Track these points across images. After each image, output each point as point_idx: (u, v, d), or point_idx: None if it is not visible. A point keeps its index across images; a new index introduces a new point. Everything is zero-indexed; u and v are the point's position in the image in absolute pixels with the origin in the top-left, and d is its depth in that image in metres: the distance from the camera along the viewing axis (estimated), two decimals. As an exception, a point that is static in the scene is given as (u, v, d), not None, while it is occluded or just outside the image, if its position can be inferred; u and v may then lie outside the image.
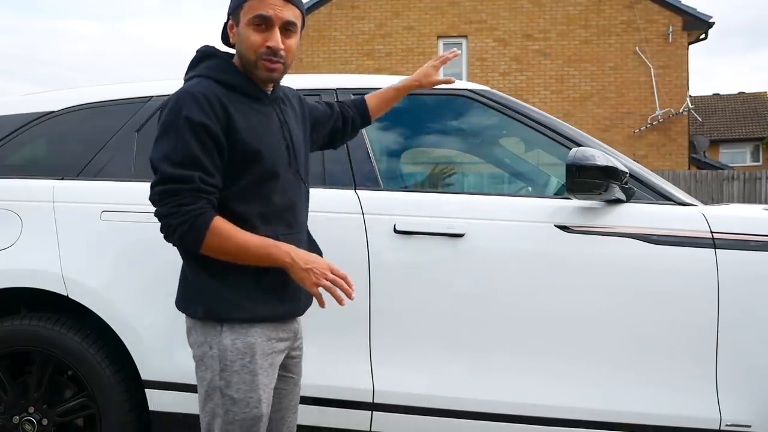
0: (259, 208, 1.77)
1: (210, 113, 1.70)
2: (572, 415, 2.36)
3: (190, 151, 1.68)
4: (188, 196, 1.67)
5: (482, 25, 15.40)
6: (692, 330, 2.33)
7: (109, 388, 2.53)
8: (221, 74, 1.79)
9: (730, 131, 29.54)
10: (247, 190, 1.76)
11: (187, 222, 1.66)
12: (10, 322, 2.60)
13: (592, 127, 14.63)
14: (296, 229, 1.87)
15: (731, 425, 2.29)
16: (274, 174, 1.79)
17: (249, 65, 1.79)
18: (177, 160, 1.68)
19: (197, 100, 1.70)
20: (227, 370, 1.75)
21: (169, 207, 1.67)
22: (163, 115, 1.74)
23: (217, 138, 1.71)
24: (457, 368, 2.43)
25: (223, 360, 1.75)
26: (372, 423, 2.45)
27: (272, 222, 1.79)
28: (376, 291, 2.42)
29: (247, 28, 1.76)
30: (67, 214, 2.62)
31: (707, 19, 15.12)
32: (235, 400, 1.75)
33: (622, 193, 2.36)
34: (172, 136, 1.69)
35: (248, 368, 1.75)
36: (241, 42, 1.79)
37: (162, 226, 1.71)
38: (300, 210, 1.90)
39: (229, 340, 1.75)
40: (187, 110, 1.69)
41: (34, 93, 3.23)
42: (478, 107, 2.70)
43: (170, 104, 1.73)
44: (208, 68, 1.81)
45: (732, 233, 2.34)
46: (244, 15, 1.76)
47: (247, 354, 1.75)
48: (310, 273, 1.74)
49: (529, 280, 2.39)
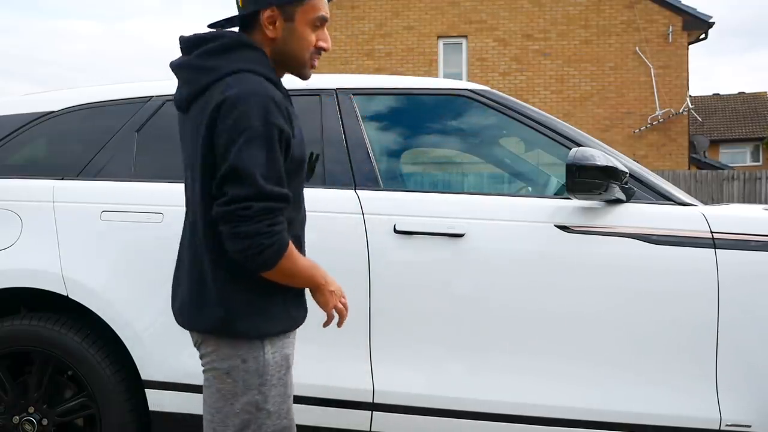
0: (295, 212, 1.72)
1: (287, 120, 1.60)
2: (572, 415, 2.36)
3: (279, 165, 1.57)
4: (279, 215, 1.57)
5: (482, 25, 15.40)
6: (692, 330, 2.33)
7: (109, 388, 2.53)
8: (269, 72, 1.65)
9: (730, 131, 29.55)
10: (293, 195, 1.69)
11: (276, 243, 1.55)
12: (10, 322, 2.60)
13: (592, 127, 14.63)
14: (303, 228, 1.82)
15: (731, 425, 2.29)
16: (302, 181, 1.74)
17: (297, 63, 1.70)
18: (274, 176, 1.56)
19: (279, 105, 1.57)
20: (266, 385, 1.66)
21: (264, 225, 1.53)
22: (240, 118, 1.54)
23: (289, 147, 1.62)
24: (457, 368, 2.43)
25: (263, 375, 1.66)
26: (372, 423, 2.45)
27: (297, 229, 1.74)
28: (376, 291, 2.42)
29: (306, 27, 1.67)
30: (67, 214, 2.62)
31: (707, 19, 15.12)
32: (271, 413, 1.68)
33: (622, 193, 2.36)
34: (264, 147, 1.54)
35: (283, 380, 1.71)
36: (293, 39, 1.67)
37: (249, 245, 1.54)
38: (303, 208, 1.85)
39: (270, 355, 1.67)
40: (274, 117, 1.55)
41: (34, 93, 3.24)
42: (478, 107, 2.70)
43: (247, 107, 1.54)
44: (253, 62, 1.63)
45: (732, 233, 2.34)
46: (305, 13, 1.66)
47: (283, 366, 1.71)
48: (334, 296, 1.73)
49: (529, 280, 2.39)
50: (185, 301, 1.72)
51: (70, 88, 2.96)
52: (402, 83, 2.81)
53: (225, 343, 1.67)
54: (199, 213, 1.64)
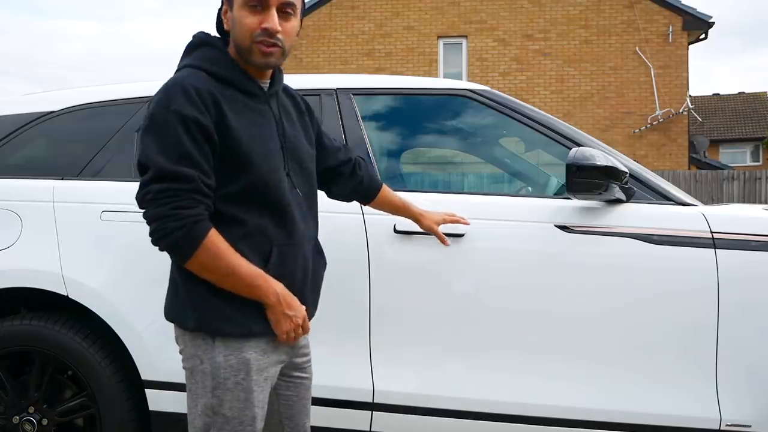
0: (255, 215, 1.63)
1: (201, 108, 1.56)
2: (572, 415, 2.36)
3: (183, 148, 1.53)
4: (187, 198, 1.52)
5: (482, 25, 15.40)
6: (692, 330, 2.33)
7: (109, 388, 2.53)
8: (214, 66, 1.66)
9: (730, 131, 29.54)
10: (239, 194, 1.62)
11: (183, 228, 1.52)
12: (10, 322, 2.60)
13: (592, 127, 14.62)
14: (296, 239, 1.71)
15: (731, 425, 2.29)
16: (266, 178, 1.64)
17: (244, 51, 1.65)
18: (173, 157, 1.53)
19: (187, 92, 1.56)
20: (220, 388, 1.62)
21: (167, 208, 1.52)
22: (151, 107, 1.59)
23: (210, 135, 1.57)
24: (458, 368, 2.43)
25: (216, 377, 1.62)
26: (372, 423, 2.45)
27: (267, 231, 1.65)
28: (376, 291, 2.42)
29: (242, 10, 1.62)
30: (67, 214, 2.62)
31: (707, 19, 15.12)
32: (228, 418, 1.62)
33: (622, 193, 2.36)
34: (163, 131, 1.54)
35: (242, 385, 1.62)
36: (234, 26, 1.65)
37: (154, 229, 1.54)
38: (299, 218, 1.73)
39: (221, 357, 1.61)
40: (177, 104, 1.55)
41: (34, 93, 3.24)
42: (478, 107, 2.70)
43: (158, 96, 1.58)
44: (202, 59, 1.67)
45: (732, 233, 2.34)
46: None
47: (242, 371, 1.62)
48: (289, 321, 1.64)
49: (529, 280, 2.39)
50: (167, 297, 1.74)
51: (69, 88, 2.96)
52: (402, 83, 2.81)
53: (188, 342, 1.66)
54: None
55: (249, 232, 1.63)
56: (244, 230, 1.63)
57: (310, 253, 1.77)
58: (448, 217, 2.24)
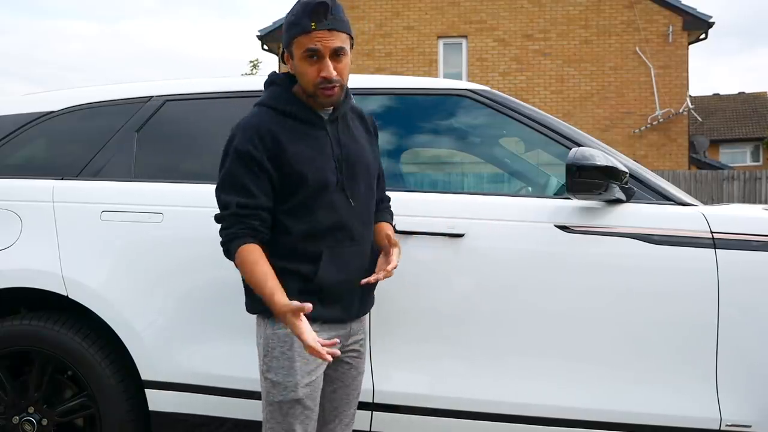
0: (305, 223, 1.94)
1: (257, 142, 1.90)
2: (572, 415, 2.36)
3: (235, 179, 1.91)
4: (228, 220, 1.92)
5: (482, 25, 15.40)
6: (692, 330, 2.33)
7: (109, 388, 2.53)
8: (278, 103, 1.98)
9: (730, 131, 29.55)
10: (295, 207, 1.94)
11: (225, 244, 1.93)
12: (10, 322, 2.60)
13: (592, 127, 14.63)
14: (347, 243, 1.99)
15: (731, 425, 2.29)
16: (316, 194, 1.94)
17: (309, 94, 1.96)
18: (224, 186, 1.94)
19: (245, 131, 1.92)
20: (268, 356, 1.95)
21: (220, 228, 1.95)
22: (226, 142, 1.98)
23: (262, 165, 1.90)
24: (457, 368, 2.43)
25: (266, 347, 1.96)
26: (372, 423, 2.45)
27: (317, 236, 1.95)
28: (376, 291, 2.42)
29: (302, 62, 1.92)
30: (67, 214, 2.62)
31: (707, 18, 15.12)
32: (274, 383, 1.94)
33: (622, 193, 2.36)
34: (224, 165, 1.95)
35: (287, 355, 1.93)
36: (297, 74, 1.96)
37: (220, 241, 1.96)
38: (351, 225, 1.99)
39: (270, 330, 1.95)
40: (237, 141, 1.92)
41: (34, 93, 3.24)
42: (478, 107, 2.69)
43: (229, 135, 1.97)
44: (269, 97, 2.01)
45: (732, 233, 2.34)
46: (296, 50, 1.93)
47: (287, 342, 1.93)
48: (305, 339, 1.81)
49: (529, 280, 2.39)
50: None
51: (69, 88, 2.96)
52: (402, 83, 2.81)
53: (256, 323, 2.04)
54: None
55: (299, 239, 1.94)
56: (295, 238, 1.94)
57: (361, 257, 2.04)
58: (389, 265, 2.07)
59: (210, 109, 2.74)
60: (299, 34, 1.90)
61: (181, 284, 2.54)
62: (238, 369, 2.47)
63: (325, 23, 1.89)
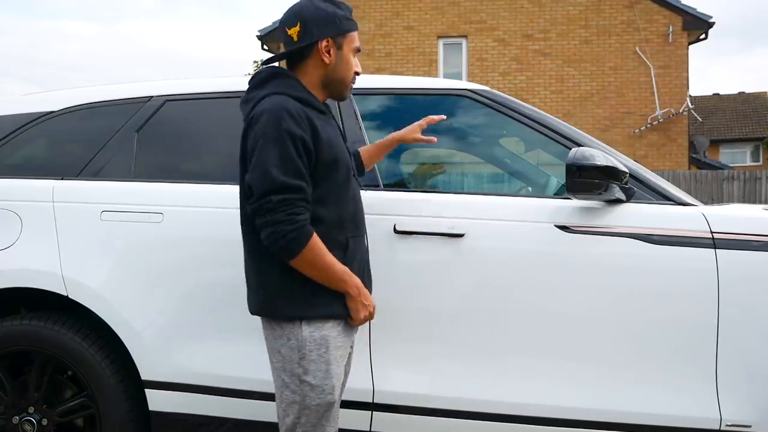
0: (334, 212, 1.97)
1: (305, 126, 1.89)
2: (572, 415, 2.36)
3: (295, 163, 1.86)
4: (300, 206, 1.85)
5: (482, 25, 15.40)
6: (692, 330, 2.33)
7: (109, 388, 2.53)
8: (297, 92, 1.98)
9: (730, 131, 29.55)
10: (324, 195, 1.95)
11: (296, 230, 1.83)
12: (10, 322, 2.60)
13: (592, 127, 14.63)
14: (362, 231, 2.09)
15: (731, 425, 2.29)
16: (346, 179, 2.01)
17: (341, 84, 2.06)
18: (288, 170, 1.85)
19: (292, 115, 1.88)
20: (305, 359, 1.93)
21: (284, 215, 1.83)
22: (259, 128, 1.88)
23: (309, 150, 1.90)
24: (457, 368, 2.43)
25: (302, 350, 1.93)
26: (372, 423, 2.45)
27: (345, 224, 1.99)
28: (376, 291, 2.41)
29: (350, 54, 2.05)
30: (67, 214, 2.61)
31: (707, 18, 15.12)
32: (313, 386, 1.94)
33: (622, 193, 2.36)
34: (277, 148, 1.85)
35: (324, 358, 1.94)
36: (341, 64, 2.04)
37: (272, 232, 1.84)
38: (362, 213, 2.11)
39: (307, 333, 1.93)
40: (287, 124, 1.86)
41: (34, 93, 3.24)
42: (478, 107, 2.70)
43: (267, 117, 1.88)
44: (284, 86, 1.98)
45: (732, 233, 2.34)
46: (349, 43, 2.04)
47: (323, 345, 1.94)
48: (365, 309, 2.00)
49: (529, 280, 2.39)
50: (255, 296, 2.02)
51: (69, 88, 2.96)
52: (402, 83, 2.81)
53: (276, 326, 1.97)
54: (240, 210, 2.01)
55: (332, 226, 1.96)
56: (328, 226, 1.95)
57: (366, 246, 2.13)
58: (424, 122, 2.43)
59: (210, 109, 2.74)
60: (353, 29, 2.05)
61: (181, 284, 2.53)
62: (238, 369, 2.47)
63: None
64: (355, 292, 1.96)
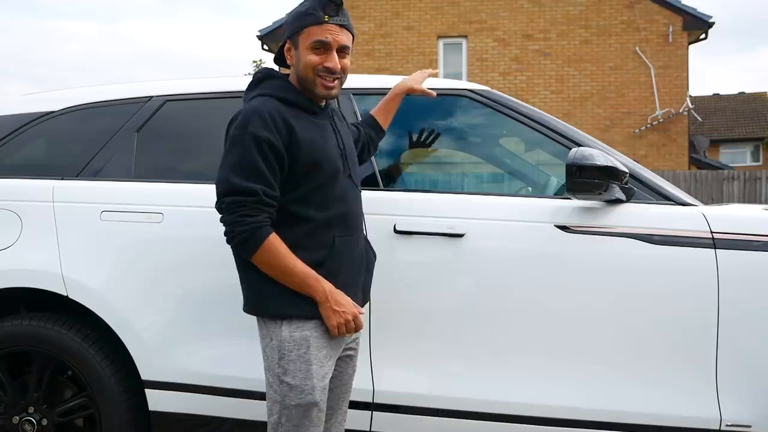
0: (319, 212, 1.96)
1: (273, 129, 1.88)
2: (572, 415, 2.36)
3: (254, 165, 1.87)
4: (252, 208, 1.86)
5: (482, 25, 15.40)
6: (692, 330, 2.33)
7: (109, 388, 2.53)
8: (282, 92, 1.99)
9: (730, 131, 29.55)
10: (307, 195, 1.95)
11: (247, 232, 1.86)
12: (10, 322, 2.60)
13: (592, 127, 14.62)
14: (352, 231, 2.04)
15: (731, 425, 2.29)
16: (331, 181, 1.98)
17: (307, 83, 2.00)
18: (243, 172, 1.87)
19: (262, 117, 1.89)
20: (284, 359, 1.93)
21: (235, 216, 1.86)
22: (231, 130, 1.92)
23: (279, 152, 1.89)
24: (458, 368, 2.43)
25: (281, 350, 1.93)
26: (372, 423, 2.45)
27: (331, 224, 1.98)
28: (377, 291, 2.42)
29: (307, 51, 1.98)
30: (67, 214, 2.61)
31: (707, 19, 15.11)
32: (292, 386, 1.93)
33: (622, 193, 2.36)
34: (239, 150, 1.88)
35: (304, 358, 1.93)
36: (299, 63, 2.00)
37: (226, 232, 1.90)
38: (356, 213, 2.08)
39: (287, 333, 1.93)
40: (253, 127, 1.88)
41: (33, 93, 3.24)
42: (478, 107, 2.70)
43: (237, 121, 1.92)
44: (270, 87, 2.01)
45: (732, 233, 2.34)
46: (304, 39, 1.98)
47: (303, 346, 1.93)
48: (338, 315, 1.94)
49: (529, 280, 2.39)
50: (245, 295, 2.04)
51: (69, 88, 2.96)
52: (402, 83, 2.80)
53: (263, 325, 1.99)
54: None
55: (316, 226, 1.95)
56: (313, 225, 1.95)
57: (362, 246, 2.11)
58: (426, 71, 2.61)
59: (210, 109, 2.74)
60: (312, 24, 1.96)
61: (181, 284, 2.53)
62: (238, 369, 2.47)
63: (337, 18, 1.98)
64: (322, 297, 1.92)
